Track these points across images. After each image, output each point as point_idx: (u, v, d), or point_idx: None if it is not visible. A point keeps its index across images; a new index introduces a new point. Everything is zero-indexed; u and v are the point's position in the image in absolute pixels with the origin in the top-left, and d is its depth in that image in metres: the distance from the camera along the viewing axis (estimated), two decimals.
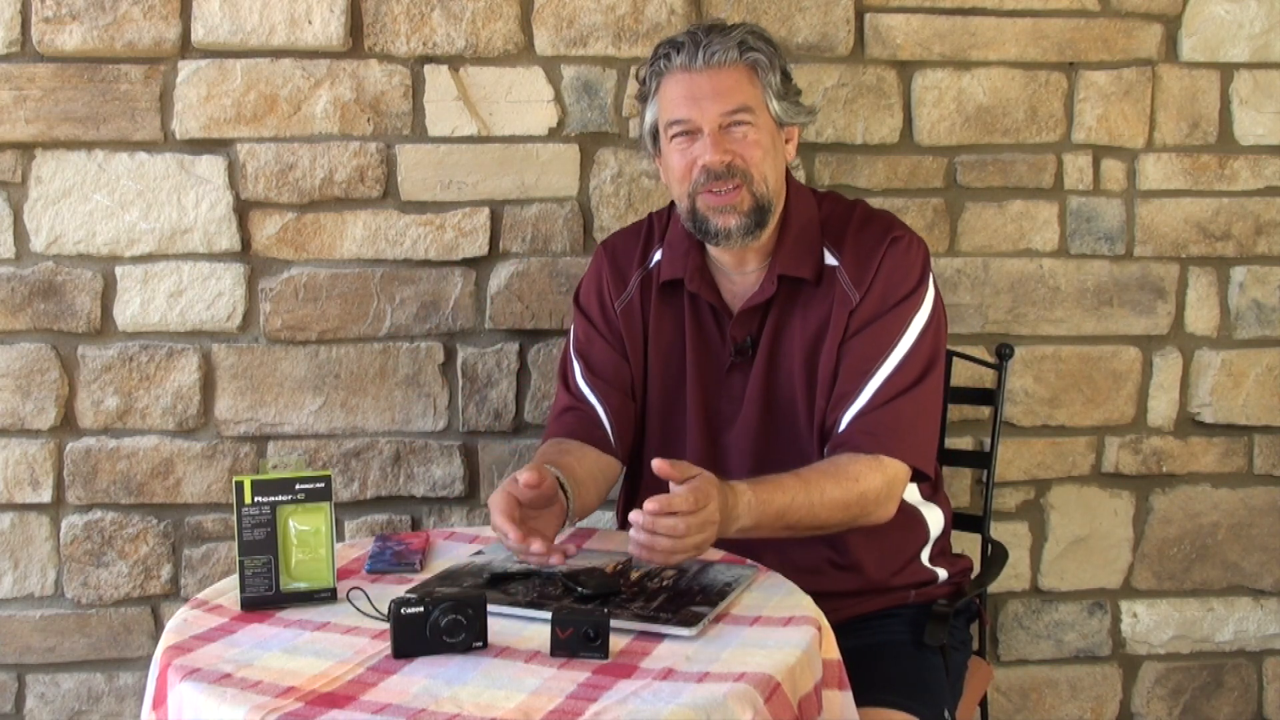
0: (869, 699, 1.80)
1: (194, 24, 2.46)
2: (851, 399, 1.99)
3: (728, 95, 1.97)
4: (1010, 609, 2.77)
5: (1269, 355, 2.74)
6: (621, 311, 2.16)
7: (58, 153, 2.48)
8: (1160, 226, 2.68)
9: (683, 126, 2.00)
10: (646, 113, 2.08)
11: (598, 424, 2.12)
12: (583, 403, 2.14)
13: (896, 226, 2.07)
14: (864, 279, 2.01)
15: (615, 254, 2.20)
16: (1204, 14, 2.64)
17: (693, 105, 1.98)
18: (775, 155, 2.03)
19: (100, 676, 2.60)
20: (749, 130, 1.98)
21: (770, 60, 2.01)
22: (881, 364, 1.99)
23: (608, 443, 2.11)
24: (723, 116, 1.97)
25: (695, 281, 2.09)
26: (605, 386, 2.14)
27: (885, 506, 1.98)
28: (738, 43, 1.98)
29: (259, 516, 1.70)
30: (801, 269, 2.04)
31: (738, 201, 1.98)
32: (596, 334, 2.17)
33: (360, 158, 2.52)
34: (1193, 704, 2.83)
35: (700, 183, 1.99)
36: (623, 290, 2.16)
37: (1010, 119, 2.63)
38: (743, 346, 2.08)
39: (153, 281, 2.51)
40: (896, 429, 1.97)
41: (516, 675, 1.49)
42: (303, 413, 2.56)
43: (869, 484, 1.93)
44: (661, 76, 2.02)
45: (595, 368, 2.16)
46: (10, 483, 2.53)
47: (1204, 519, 2.78)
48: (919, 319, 2.02)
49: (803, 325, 2.05)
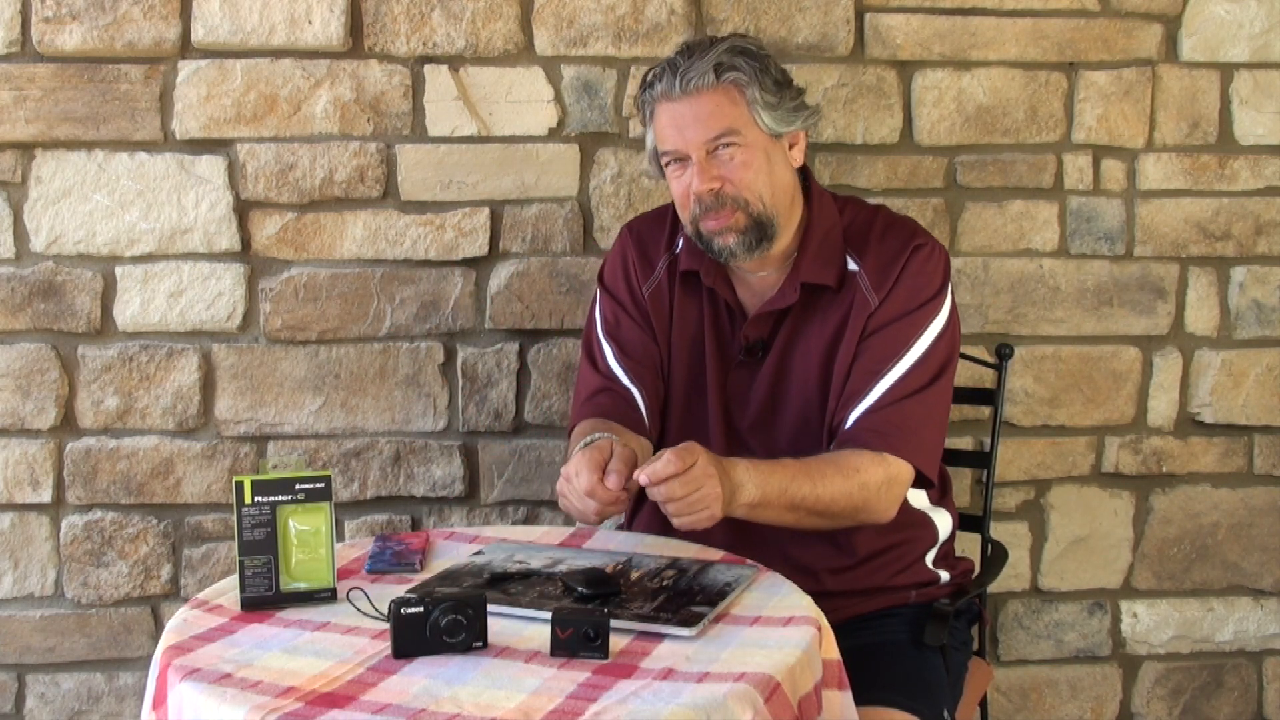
0: (869, 699, 1.80)
1: (194, 24, 2.46)
2: (860, 397, 1.99)
3: (708, 121, 1.96)
4: (1010, 609, 2.77)
5: (1269, 355, 2.74)
6: (650, 295, 2.15)
7: (58, 153, 2.48)
8: (1160, 226, 2.68)
9: (672, 156, 2.01)
10: (647, 137, 2.08)
11: (633, 405, 2.10)
12: (616, 384, 2.12)
13: (920, 234, 2.07)
14: (885, 284, 2.01)
15: (641, 237, 2.20)
16: (1204, 14, 2.64)
17: (677, 135, 1.98)
18: (771, 169, 2.01)
19: (100, 676, 2.60)
20: (736, 151, 1.97)
21: (752, 74, 1.98)
22: (894, 365, 1.99)
23: (642, 425, 2.10)
24: (707, 143, 1.97)
25: (711, 277, 2.09)
26: (638, 368, 2.13)
27: (886, 502, 1.97)
28: (714, 65, 1.96)
29: (259, 516, 1.70)
30: (825, 277, 2.04)
31: (733, 223, 1.98)
32: (625, 314, 2.16)
33: (360, 158, 2.52)
34: (1193, 704, 2.83)
35: (698, 211, 2.00)
36: (650, 274, 2.16)
37: (1010, 119, 2.63)
38: (752, 347, 2.08)
39: (153, 281, 2.51)
40: (902, 428, 1.97)
41: (516, 675, 1.49)
42: (303, 413, 2.56)
43: (870, 475, 1.93)
44: (652, 104, 2.02)
45: (627, 349, 2.14)
46: (10, 483, 2.53)
47: (1204, 519, 2.78)
48: (936, 324, 2.02)
49: (821, 330, 2.05)
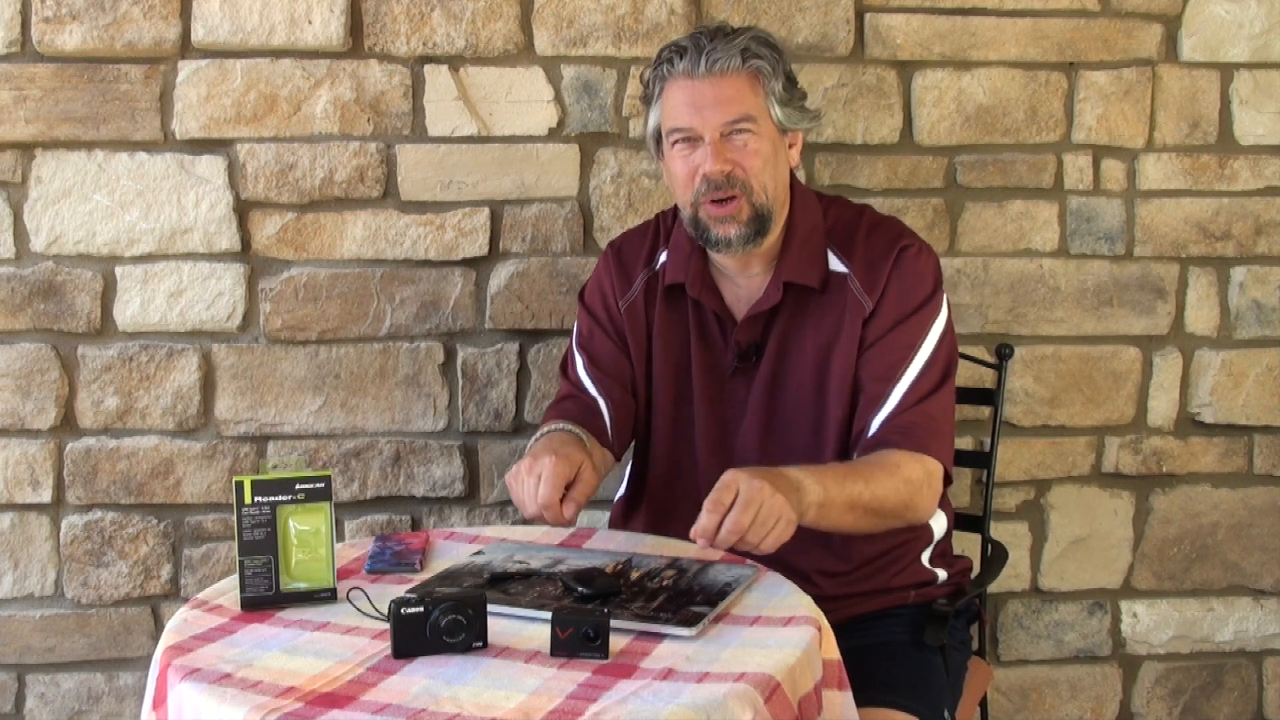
0: (869, 699, 1.80)
1: (194, 24, 2.46)
2: (880, 403, 1.99)
3: (729, 104, 1.96)
4: (1010, 609, 2.77)
5: (1269, 355, 2.74)
6: (625, 310, 2.16)
7: (58, 153, 2.48)
8: (1160, 226, 2.68)
9: (684, 134, 2.00)
10: (650, 116, 2.07)
11: (597, 414, 2.12)
12: (583, 393, 2.15)
13: (906, 234, 2.07)
14: (876, 286, 2.01)
15: (621, 254, 2.20)
16: (1204, 14, 2.64)
17: (694, 113, 1.97)
18: (776, 163, 2.02)
19: (100, 676, 2.60)
20: (750, 139, 1.98)
21: (773, 67, 2.00)
22: (906, 369, 1.99)
23: (605, 434, 2.11)
24: (724, 125, 1.97)
25: (697, 287, 2.09)
26: (607, 380, 2.15)
27: (928, 499, 1.98)
28: (741, 50, 1.97)
29: (259, 516, 1.70)
30: (807, 276, 2.04)
31: (736, 211, 1.98)
32: (599, 328, 2.18)
33: (360, 158, 2.52)
34: (1193, 704, 2.83)
35: (702, 191, 1.99)
36: (627, 290, 2.17)
37: (1010, 119, 2.63)
38: (746, 352, 2.08)
39: (153, 281, 2.51)
40: (928, 428, 1.98)
41: (516, 675, 1.49)
42: (303, 413, 2.56)
43: (911, 472, 1.94)
44: (665, 81, 2.01)
45: (597, 360, 2.16)
46: (10, 483, 2.53)
47: (1204, 519, 2.77)
48: (937, 326, 2.03)
49: (815, 334, 2.05)
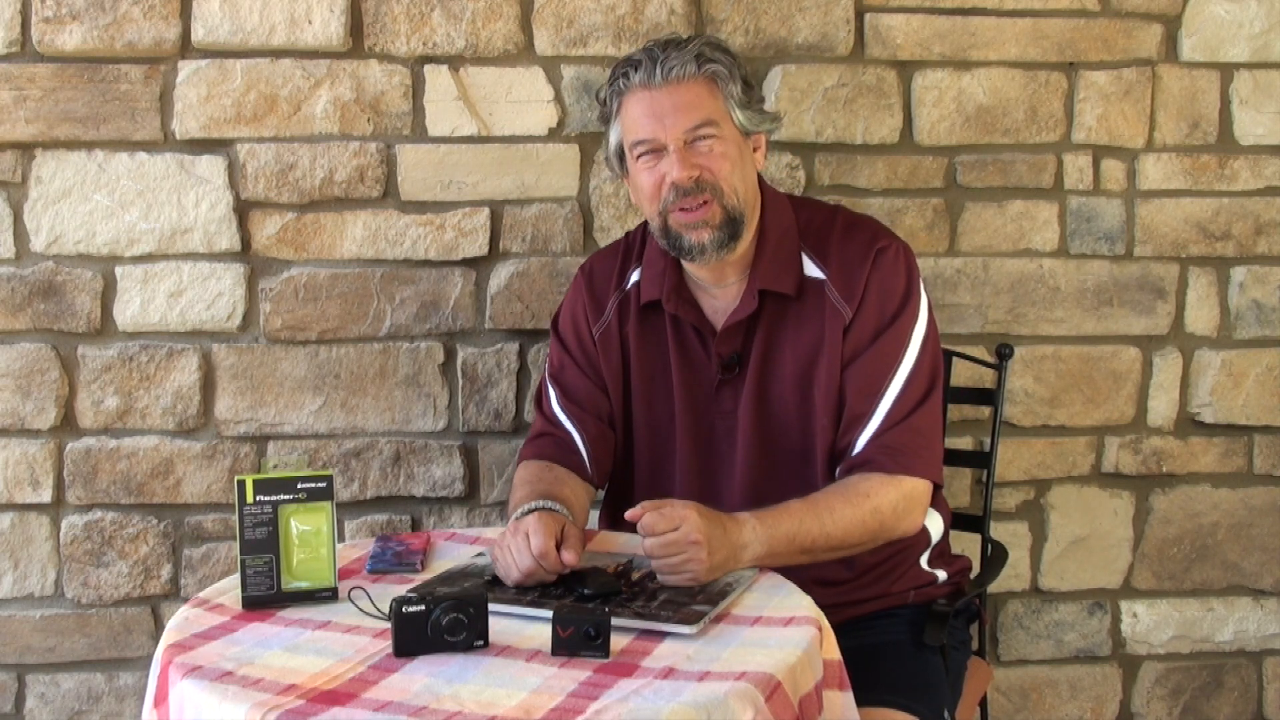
0: (869, 699, 1.80)
1: (194, 24, 2.46)
2: (865, 420, 1.98)
3: (690, 110, 1.95)
4: (1010, 609, 2.77)
5: (1269, 355, 2.74)
6: (599, 337, 2.14)
7: (58, 153, 2.48)
8: (1160, 226, 2.69)
9: (647, 145, 1.98)
10: (610, 134, 2.05)
11: (574, 450, 2.11)
12: (559, 429, 2.13)
13: (881, 235, 2.06)
14: (854, 293, 2.00)
15: (592, 277, 2.18)
16: (1204, 14, 2.64)
17: (656, 123, 1.96)
18: (744, 165, 2.00)
19: (100, 676, 2.60)
20: (714, 143, 1.96)
21: (730, 71, 1.99)
22: (890, 382, 1.98)
23: (584, 469, 2.10)
24: (687, 132, 1.95)
25: (673, 302, 2.07)
26: (581, 413, 2.13)
27: (907, 520, 1.98)
28: (695, 55, 1.96)
29: (260, 516, 1.70)
30: (782, 283, 2.02)
31: (709, 216, 1.96)
32: (571, 361, 2.16)
33: (360, 158, 2.52)
34: (1193, 704, 2.83)
35: (670, 200, 1.97)
36: (600, 315, 2.14)
37: (1010, 119, 2.63)
38: (729, 363, 2.06)
39: (153, 281, 2.51)
40: (915, 447, 1.97)
41: (518, 674, 1.49)
42: (303, 413, 2.56)
43: (881, 500, 1.93)
44: (622, 95, 2.00)
45: (570, 393, 2.14)
46: (10, 483, 2.53)
47: (1204, 519, 2.78)
48: (919, 331, 2.02)
49: (794, 341, 2.03)
